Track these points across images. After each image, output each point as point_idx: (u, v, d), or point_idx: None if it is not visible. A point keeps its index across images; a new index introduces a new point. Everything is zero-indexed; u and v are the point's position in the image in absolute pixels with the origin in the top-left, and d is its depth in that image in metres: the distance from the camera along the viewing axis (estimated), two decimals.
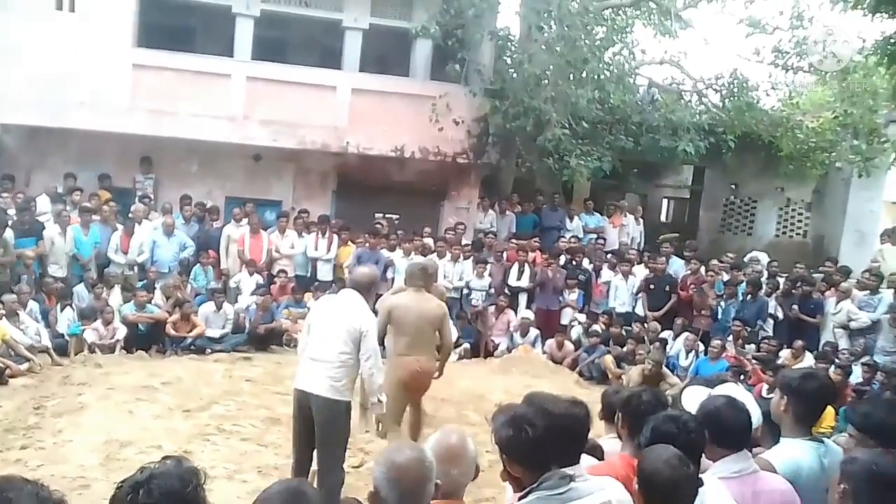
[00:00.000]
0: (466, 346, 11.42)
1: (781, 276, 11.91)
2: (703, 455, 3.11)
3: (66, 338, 10.05)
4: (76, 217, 11.08)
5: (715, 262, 12.39)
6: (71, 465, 6.46)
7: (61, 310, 10.31)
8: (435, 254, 12.00)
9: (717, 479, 2.96)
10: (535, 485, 2.73)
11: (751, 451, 3.29)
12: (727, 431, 3.17)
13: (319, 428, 5.43)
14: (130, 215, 11.56)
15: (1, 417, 7.59)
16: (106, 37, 12.35)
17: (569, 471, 2.79)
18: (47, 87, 12.03)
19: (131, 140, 12.56)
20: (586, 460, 3.23)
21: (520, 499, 2.77)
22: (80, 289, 10.73)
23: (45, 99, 12.03)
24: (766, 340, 10.35)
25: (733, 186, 16.82)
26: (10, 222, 10.37)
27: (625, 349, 10.86)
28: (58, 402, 8.00)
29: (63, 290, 10.53)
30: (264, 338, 10.98)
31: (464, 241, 12.64)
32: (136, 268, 11.36)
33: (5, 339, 9.09)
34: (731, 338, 10.75)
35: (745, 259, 13.03)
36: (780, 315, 11.32)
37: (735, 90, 15.16)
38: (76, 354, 9.84)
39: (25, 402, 8.06)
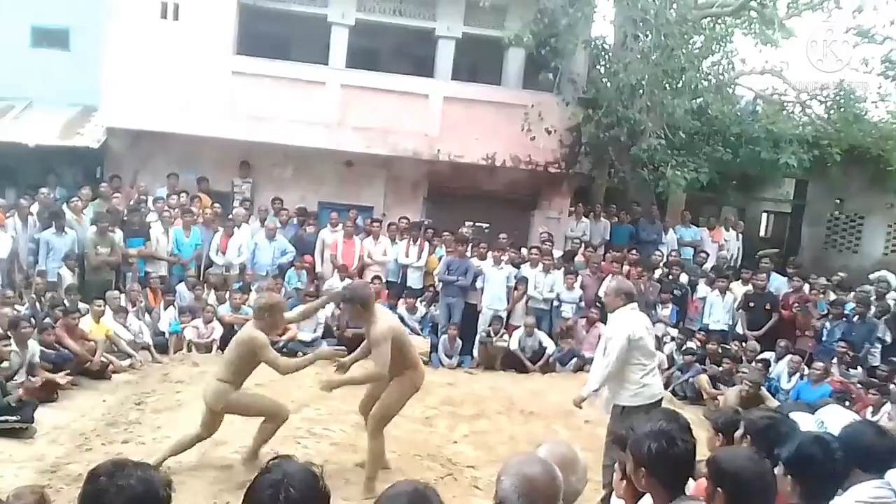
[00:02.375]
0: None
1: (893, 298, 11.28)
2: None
3: (167, 335, 10.33)
4: (179, 219, 11.41)
5: (821, 279, 11.82)
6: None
7: (164, 308, 10.62)
8: (527, 263, 11.84)
9: (854, 502, 2.79)
10: None
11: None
12: (871, 455, 3.10)
13: None
14: (230, 218, 11.80)
15: (104, 411, 7.85)
16: (207, 44, 12.73)
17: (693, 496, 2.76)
18: (151, 92, 12.49)
19: (229, 145, 12.88)
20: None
21: None
22: (181, 288, 11.04)
23: (149, 104, 12.48)
24: (877, 367, 9.81)
25: (838, 201, 16.11)
26: (119, 222, 10.81)
27: (721, 369, 10.45)
28: (157, 399, 8.22)
29: (166, 288, 10.84)
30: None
31: (555, 253, 12.42)
32: (233, 269, 11.58)
33: (109, 336, 9.39)
34: (835, 360, 10.22)
35: (871, 278, 12.37)
36: (889, 339, 10.71)
37: (841, 101, 14.53)
38: (175, 352, 10.11)
39: (127, 397, 8.32)
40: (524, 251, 12.27)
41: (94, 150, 12.58)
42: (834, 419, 3.68)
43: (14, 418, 7.01)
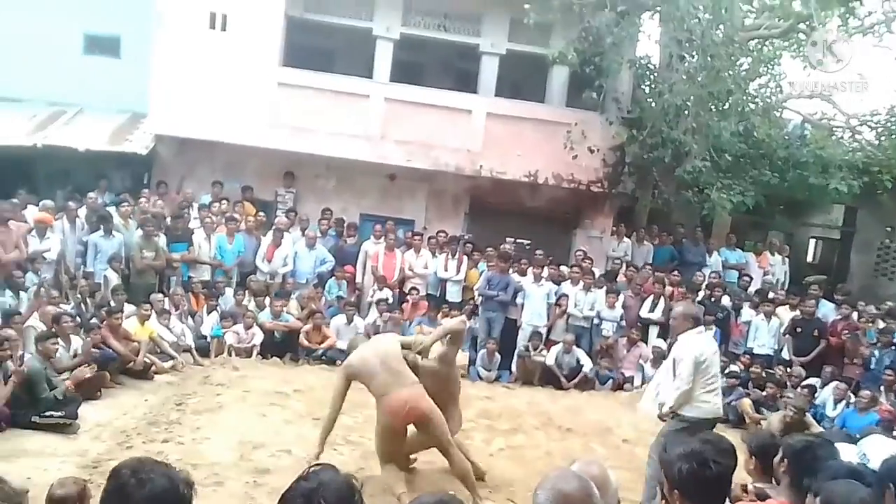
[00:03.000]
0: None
1: None
2: None
3: (209, 339, 10.42)
4: (223, 226, 11.53)
5: (870, 307, 11.56)
6: (206, 462, 6.63)
7: (207, 312, 10.72)
8: (568, 280, 11.75)
9: None
10: None
11: None
12: None
13: None
14: (275, 227, 11.90)
15: (146, 410, 7.91)
16: (254, 55, 12.89)
17: None
18: (198, 101, 12.66)
19: (273, 154, 13.00)
20: None
21: None
22: (227, 293, 11.17)
23: (196, 112, 12.65)
24: None
25: (889, 229, 15.77)
26: (164, 227, 10.96)
27: (765, 393, 10.23)
28: (198, 401, 8.27)
29: (209, 293, 10.94)
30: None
31: (595, 271, 12.31)
32: (277, 277, 11.66)
33: (153, 337, 9.49)
34: (882, 389, 9.95)
35: None
36: None
37: (892, 127, 14.26)
38: (216, 356, 10.19)
39: (168, 398, 8.39)
40: (564, 269, 12.18)
41: (143, 156, 12.77)
42: (876, 450, 3.57)
43: (59, 414, 7.09)
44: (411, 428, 6.43)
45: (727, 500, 2.78)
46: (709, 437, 3.09)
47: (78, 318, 8.81)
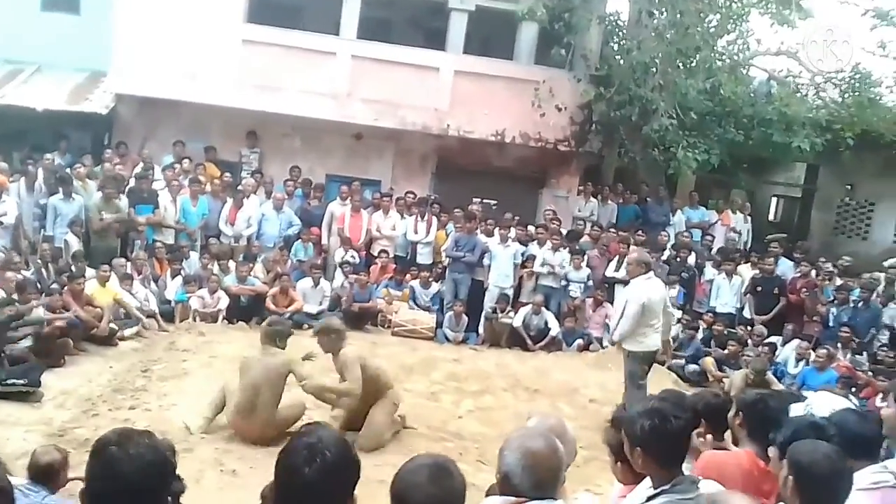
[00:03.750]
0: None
1: None
2: None
3: (173, 304, 10.33)
4: (186, 188, 11.36)
5: (828, 265, 11.76)
6: (175, 429, 6.60)
7: (171, 277, 10.59)
8: (535, 241, 11.79)
9: (855, 490, 2.79)
10: (667, 486, 2.68)
11: None
12: (860, 441, 3.07)
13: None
14: (240, 188, 11.75)
15: (111, 377, 7.88)
16: (218, 12, 12.62)
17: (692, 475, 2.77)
18: (160, 59, 12.36)
19: (238, 114, 12.78)
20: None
21: (648, 499, 2.72)
22: (193, 256, 11.06)
23: (158, 71, 12.36)
24: (883, 348, 9.78)
25: (849, 187, 16.01)
26: (126, 189, 10.75)
27: (726, 352, 10.43)
28: (163, 367, 8.23)
29: (173, 257, 10.81)
30: (359, 316, 11.02)
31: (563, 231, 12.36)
32: (241, 240, 11.55)
33: (116, 300, 9.38)
34: (840, 346, 10.20)
35: (885, 265, 12.29)
36: None
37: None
38: (181, 321, 10.11)
39: (134, 364, 8.35)
40: (531, 229, 12.20)
41: (103, 116, 12.49)
42: (821, 405, 3.67)
43: (21, 381, 7.02)
44: None
45: (685, 456, 2.82)
46: (667, 395, 3.16)
47: (38, 285, 8.67)
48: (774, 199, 18.40)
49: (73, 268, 9.38)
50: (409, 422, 7.41)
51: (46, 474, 3.67)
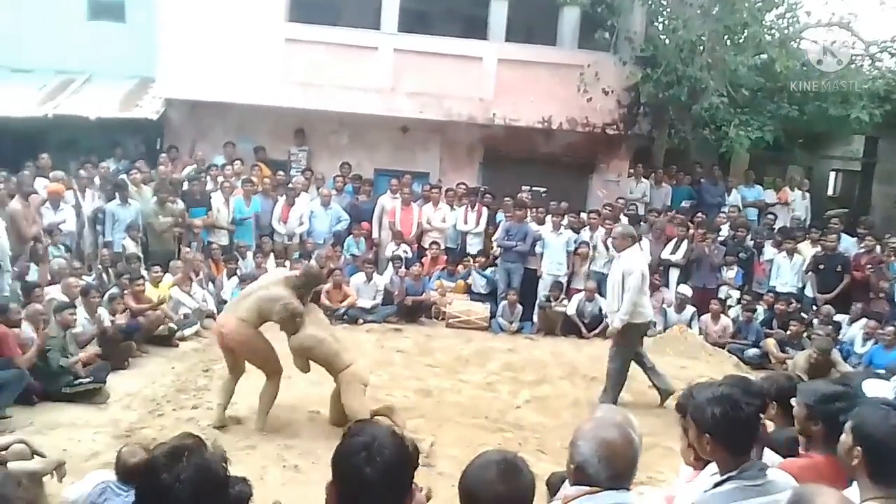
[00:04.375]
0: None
1: None
2: None
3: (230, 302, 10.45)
4: (239, 188, 11.50)
5: (894, 239, 11.38)
6: (238, 428, 6.69)
7: (228, 276, 10.74)
8: (587, 227, 11.66)
9: None
10: (734, 472, 2.64)
11: None
12: None
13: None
14: (291, 186, 11.86)
15: (174, 378, 8.01)
16: (260, 12, 12.72)
17: (764, 462, 2.71)
18: (206, 62, 12.53)
19: (285, 113, 12.92)
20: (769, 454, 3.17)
21: (715, 486, 2.69)
22: (248, 256, 11.21)
23: (205, 74, 12.53)
24: None
25: None
26: (180, 192, 10.94)
27: (789, 332, 10.19)
28: (223, 366, 8.28)
29: (230, 257, 10.97)
30: (413, 310, 11.05)
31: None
32: (294, 238, 11.66)
33: (166, 298, 9.55)
34: None
35: None
36: None
37: None
38: None
39: (195, 364, 8.49)
40: (584, 216, 12.07)
41: (154, 121, 12.73)
42: (873, 392, 3.48)
43: (87, 379, 7.18)
44: None
45: (755, 441, 2.75)
46: (736, 381, 3.09)
47: (100, 289, 8.87)
48: (833, 174, 17.92)
49: (129, 271, 9.55)
50: (466, 413, 7.41)
51: (134, 474, 3.73)
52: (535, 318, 11.27)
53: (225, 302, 10.45)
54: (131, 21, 13.78)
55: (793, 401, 3.39)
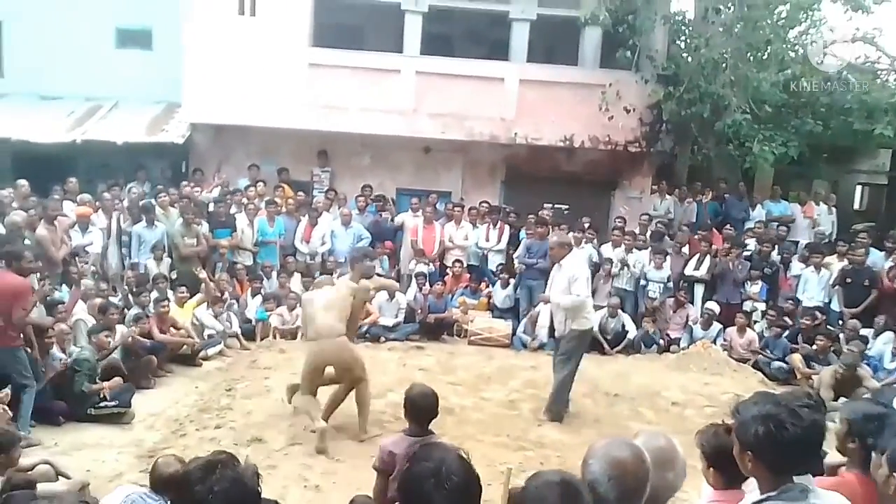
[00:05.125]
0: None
1: None
2: None
3: (254, 323, 10.56)
4: (263, 209, 11.63)
5: None
6: (260, 446, 6.72)
7: (252, 296, 10.84)
8: (609, 243, 11.63)
9: None
10: (773, 493, 2.56)
11: None
12: None
13: None
14: (313, 207, 11.98)
15: (197, 398, 8.07)
16: (284, 38, 12.93)
17: (806, 483, 2.60)
18: (231, 87, 12.77)
19: (308, 135, 13.08)
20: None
21: None
22: (273, 276, 11.29)
23: (230, 98, 12.76)
24: None
25: None
26: (205, 214, 11.09)
27: (815, 347, 10.04)
28: (247, 385, 8.40)
29: (255, 277, 11.08)
30: (435, 327, 11.06)
31: (637, 231, 12.14)
32: (317, 257, 11.75)
33: (194, 318, 9.66)
34: None
35: None
36: None
37: None
38: (262, 339, 10.32)
39: (218, 384, 8.54)
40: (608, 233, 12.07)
41: (179, 145, 12.95)
42: None
43: (113, 403, 7.27)
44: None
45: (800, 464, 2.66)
46: (782, 399, 3.01)
47: (125, 310, 8.98)
48: (859, 188, 17.72)
49: (156, 291, 9.68)
50: (488, 431, 7.39)
51: (167, 485, 3.77)
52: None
53: (249, 321, 10.60)
54: (158, 48, 14.07)
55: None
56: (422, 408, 4.47)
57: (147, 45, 14.20)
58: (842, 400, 8.23)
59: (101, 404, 7.23)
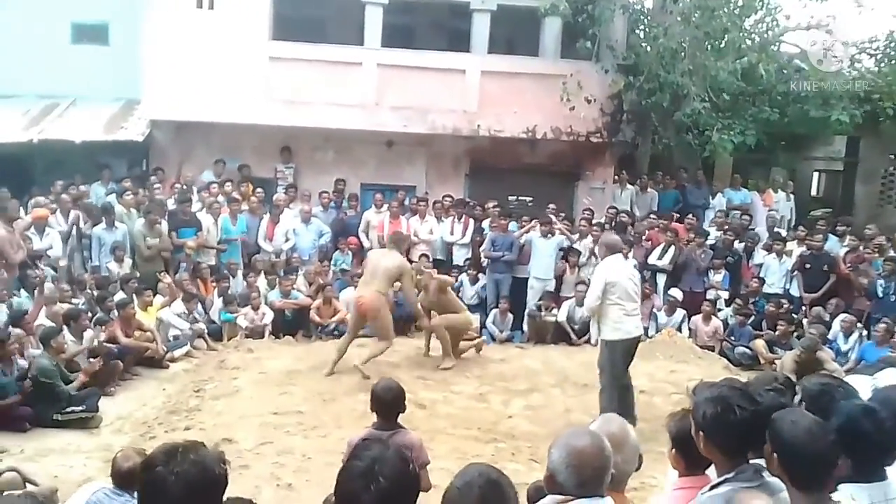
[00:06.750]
0: None
1: None
2: None
3: (219, 323, 10.47)
4: (226, 207, 11.52)
5: (882, 237, 11.48)
6: (230, 446, 6.68)
7: (218, 296, 10.73)
8: (577, 234, 11.73)
9: None
10: (731, 475, 2.65)
11: None
12: None
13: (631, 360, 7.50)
14: (273, 204, 11.88)
15: (165, 400, 8.01)
16: (243, 31, 12.74)
17: (762, 464, 2.68)
18: (191, 83, 12.55)
19: (270, 131, 12.94)
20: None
21: (712, 487, 2.70)
22: (238, 275, 11.18)
23: (190, 94, 12.54)
24: None
25: (892, 157, 15.70)
26: (166, 213, 10.93)
27: (777, 332, 10.25)
28: (215, 386, 8.34)
29: (220, 276, 10.97)
30: (403, 323, 11.01)
31: (598, 222, 12.23)
32: (281, 255, 11.67)
33: (158, 321, 9.54)
34: None
35: None
36: None
37: (892, 53, 14.03)
38: (229, 339, 10.25)
39: (186, 385, 8.48)
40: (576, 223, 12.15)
41: (139, 143, 12.73)
42: (888, 382, 3.51)
43: (80, 408, 7.18)
44: None
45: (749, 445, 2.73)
46: (742, 384, 3.08)
47: (90, 313, 8.85)
48: (816, 175, 18.09)
49: (123, 293, 9.54)
50: (459, 425, 7.44)
51: (129, 479, 3.73)
52: (525, 327, 11.29)
53: (214, 322, 10.52)
54: (115, 44, 13.75)
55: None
56: (386, 402, 4.55)
57: (104, 40, 13.88)
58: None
59: (68, 409, 7.14)
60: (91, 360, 8.01)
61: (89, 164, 12.37)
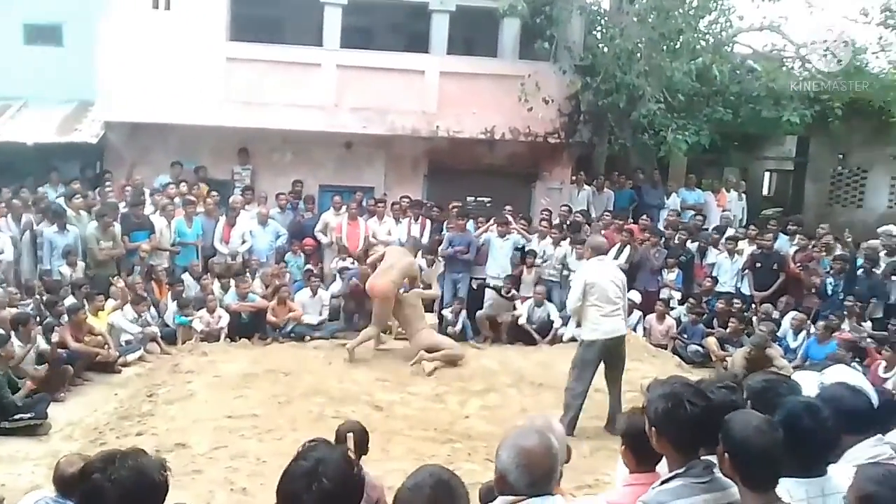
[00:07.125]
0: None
1: None
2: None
3: (173, 326, 10.36)
4: (180, 209, 11.39)
5: (829, 236, 11.73)
6: (184, 451, 6.65)
7: (172, 299, 10.61)
8: (535, 235, 11.80)
9: (852, 467, 2.75)
10: (681, 471, 2.69)
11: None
12: (851, 417, 2.99)
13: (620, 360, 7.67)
14: (229, 206, 11.78)
15: (117, 405, 7.92)
16: (200, 32, 12.66)
17: (713, 461, 2.73)
18: (147, 84, 12.42)
19: (227, 132, 12.84)
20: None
21: (662, 482, 2.74)
22: (187, 278, 11.04)
23: (145, 96, 12.41)
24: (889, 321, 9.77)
25: (841, 156, 16.03)
26: (119, 216, 10.78)
27: (728, 330, 10.43)
28: (168, 390, 8.26)
29: (173, 280, 10.85)
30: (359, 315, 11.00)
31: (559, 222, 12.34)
32: (237, 257, 11.58)
33: (110, 325, 9.43)
34: (846, 316, 10.16)
35: (878, 232, 12.18)
36: (894, 297, 10.67)
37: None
38: (183, 343, 10.14)
39: (139, 389, 8.39)
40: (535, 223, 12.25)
41: (93, 145, 12.55)
42: (833, 379, 3.60)
43: (28, 415, 7.08)
44: None
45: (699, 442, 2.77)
46: (694, 381, 3.11)
47: (38, 318, 8.71)
48: (767, 174, 18.43)
49: (73, 298, 9.41)
50: (416, 426, 7.47)
51: (72, 484, 3.70)
52: (479, 327, 11.26)
53: (167, 325, 10.41)
54: (69, 44, 13.56)
55: None
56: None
57: (57, 41, 13.68)
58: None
59: (16, 416, 7.03)
60: (37, 367, 7.89)
61: (42, 166, 12.17)
